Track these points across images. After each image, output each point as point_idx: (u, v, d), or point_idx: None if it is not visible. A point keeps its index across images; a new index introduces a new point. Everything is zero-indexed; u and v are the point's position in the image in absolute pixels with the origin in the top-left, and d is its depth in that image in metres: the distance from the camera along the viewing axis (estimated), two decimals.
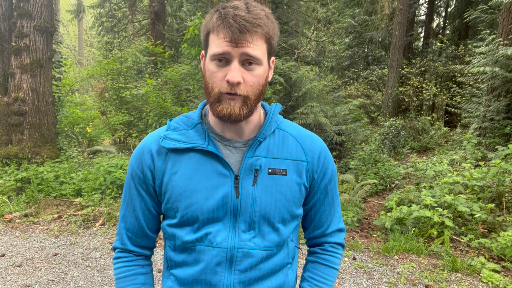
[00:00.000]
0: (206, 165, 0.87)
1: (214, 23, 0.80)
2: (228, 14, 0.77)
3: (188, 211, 0.86)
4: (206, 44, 0.84)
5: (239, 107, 0.81)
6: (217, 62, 0.80)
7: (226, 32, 0.77)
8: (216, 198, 0.85)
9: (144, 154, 0.91)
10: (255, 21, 0.78)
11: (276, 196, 0.87)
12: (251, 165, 0.87)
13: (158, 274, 3.21)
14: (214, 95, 0.82)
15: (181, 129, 0.90)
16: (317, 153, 0.94)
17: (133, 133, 9.91)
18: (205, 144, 0.87)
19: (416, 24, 16.41)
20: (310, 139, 0.95)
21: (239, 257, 0.86)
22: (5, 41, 5.92)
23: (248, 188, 0.86)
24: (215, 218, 0.86)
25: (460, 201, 4.02)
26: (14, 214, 4.52)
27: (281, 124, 0.95)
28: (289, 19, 10.24)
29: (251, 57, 0.79)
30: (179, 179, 0.87)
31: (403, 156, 8.96)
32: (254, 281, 0.88)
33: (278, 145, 0.91)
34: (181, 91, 7.55)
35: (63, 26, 26.13)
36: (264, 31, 0.80)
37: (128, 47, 16.33)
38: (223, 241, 0.86)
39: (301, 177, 0.91)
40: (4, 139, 5.80)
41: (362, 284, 3.08)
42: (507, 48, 6.27)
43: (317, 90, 8.36)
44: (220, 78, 0.80)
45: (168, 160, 0.89)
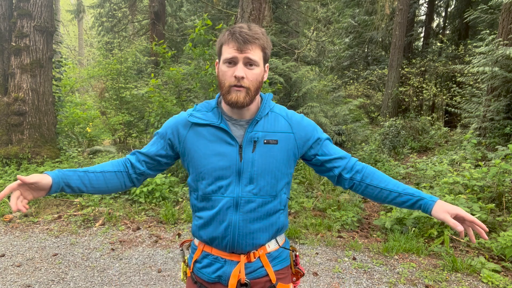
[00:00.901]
0: (219, 136, 1.21)
1: (226, 37, 1.15)
2: (236, 31, 1.14)
3: (204, 169, 1.20)
4: (219, 53, 1.19)
5: (243, 96, 1.15)
6: (228, 64, 1.15)
7: (234, 43, 1.13)
8: (225, 161, 1.19)
9: (174, 124, 1.28)
10: (254, 35, 1.14)
11: (269, 160, 1.20)
12: (251, 138, 1.20)
13: (158, 274, 3.21)
14: (225, 88, 1.16)
15: (202, 110, 1.27)
16: (300, 125, 1.27)
17: (133, 133, 9.91)
18: (218, 122, 1.21)
19: (416, 24, 16.41)
20: (295, 117, 1.29)
21: (242, 203, 1.19)
22: (5, 41, 5.92)
23: (248, 154, 1.19)
24: (225, 176, 1.19)
25: (460, 201, 4.01)
26: (14, 214, 4.52)
27: (273, 108, 1.28)
28: (289, 19, 10.23)
29: (251, 60, 1.14)
30: (198, 145, 1.22)
31: (403, 156, 8.96)
32: (253, 220, 1.20)
33: (271, 123, 1.24)
34: (181, 91, 7.55)
35: (63, 26, 26.12)
36: (260, 43, 1.15)
37: (128, 47, 16.32)
38: (231, 192, 1.19)
39: (289, 144, 1.24)
40: (4, 139, 5.80)
41: (362, 284, 3.08)
42: (506, 48, 6.27)
43: (317, 90, 8.36)
44: (229, 75, 1.15)
45: (190, 131, 1.25)
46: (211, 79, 6.30)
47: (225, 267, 1.24)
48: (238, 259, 1.23)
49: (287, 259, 1.33)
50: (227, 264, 1.23)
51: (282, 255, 1.31)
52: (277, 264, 1.29)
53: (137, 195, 4.91)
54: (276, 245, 1.29)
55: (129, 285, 3.03)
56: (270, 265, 1.26)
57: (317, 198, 5.15)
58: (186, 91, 7.81)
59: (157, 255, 3.58)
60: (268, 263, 1.26)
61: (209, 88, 6.34)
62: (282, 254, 1.31)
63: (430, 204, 1.18)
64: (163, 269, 3.30)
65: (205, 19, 6.07)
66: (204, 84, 6.49)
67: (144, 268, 3.32)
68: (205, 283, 1.28)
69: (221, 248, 1.23)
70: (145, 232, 4.16)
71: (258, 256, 1.25)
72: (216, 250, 1.25)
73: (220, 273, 1.24)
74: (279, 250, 1.30)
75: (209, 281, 1.27)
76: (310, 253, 3.68)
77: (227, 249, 1.22)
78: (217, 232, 1.21)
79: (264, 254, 1.25)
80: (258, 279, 1.25)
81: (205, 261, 1.27)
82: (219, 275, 1.25)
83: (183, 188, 5.25)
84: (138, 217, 4.56)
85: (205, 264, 1.27)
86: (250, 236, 1.21)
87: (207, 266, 1.27)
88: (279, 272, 1.29)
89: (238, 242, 1.21)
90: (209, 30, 6.39)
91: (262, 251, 1.25)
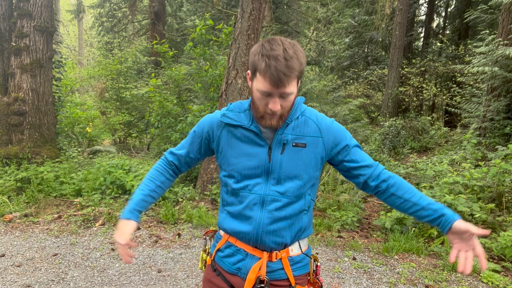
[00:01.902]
0: (249, 138, 1.25)
1: (262, 68, 1.10)
2: (271, 65, 1.08)
3: (235, 167, 1.26)
4: (254, 74, 1.16)
5: (276, 120, 1.19)
6: (262, 92, 1.14)
7: (270, 80, 1.09)
8: (254, 161, 1.24)
9: (210, 122, 1.33)
10: (290, 71, 1.09)
11: (297, 162, 1.23)
12: (280, 140, 1.23)
13: (158, 274, 3.21)
14: (259, 113, 1.20)
15: (235, 111, 1.30)
16: (329, 130, 1.28)
17: (133, 133, 9.91)
18: (249, 124, 1.25)
19: (416, 24, 16.40)
20: (325, 121, 1.30)
21: (268, 201, 1.23)
22: (5, 41, 5.92)
23: (277, 155, 1.23)
24: (254, 175, 1.24)
25: (460, 201, 4.02)
26: (14, 214, 4.52)
27: (304, 112, 1.29)
28: (289, 19, 10.23)
29: (287, 93, 1.14)
30: (230, 144, 1.28)
31: (403, 156, 8.95)
32: (277, 218, 1.23)
33: (301, 126, 1.26)
34: (181, 91, 7.55)
35: (63, 26, 26.11)
36: (296, 73, 1.12)
37: (128, 47, 16.31)
38: (259, 190, 1.23)
39: (317, 148, 1.26)
40: (4, 139, 5.80)
41: (362, 284, 3.08)
42: (506, 48, 6.27)
43: (317, 90, 8.36)
44: (264, 104, 1.16)
45: (223, 130, 1.30)
46: (211, 79, 6.29)
47: (246, 261, 1.27)
48: (261, 255, 1.25)
49: (306, 266, 1.35)
50: (249, 257, 1.26)
51: (303, 262, 1.33)
52: (297, 270, 1.31)
53: None
54: (299, 250, 1.31)
55: (129, 285, 3.03)
56: (290, 269, 1.28)
57: (317, 198, 5.15)
58: (187, 91, 7.81)
59: (157, 255, 3.58)
60: (288, 265, 1.27)
61: (209, 88, 6.34)
62: (303, 261, 1.33)
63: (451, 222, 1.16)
64: (163, 269, 3.30)
65: (207, 19, 6.08)
66: (204, 84, 6.49)
67: (144, 268, 3.32)
68: (224, 272, 1.31)
69: (245, 242, 1.27)
70: (145, 232, 4.16)
71: (280, 257, 1.27)
72: (240, 243, 1.28)
73: (240, 266, 1.27)
74: (301, 256, 1.32)
75: (229, 271, 1.30)
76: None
77: (251, 243, 1.26)
78: (242, 227, 1.25)
79: (286, 257, 1.27)
80: (277, 281, 1.27)
81: (228, 250, 1.31)
82: (239, 267, 1.28)
83: (183, 188, 5.25)
84: None
85: (227, 253, 1.31)
86: (273, 234, 1.24)
87: (229, 256, 1.30)
88: (297, 277, 1.31)
89: (262, 238, 1.24)
90: (209, 30, 6.39)
91: (285, 254, 1.27)
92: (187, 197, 5.11)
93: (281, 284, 1.28)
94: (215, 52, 6.43)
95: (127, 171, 5.32)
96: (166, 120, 6.58)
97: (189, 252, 3.67)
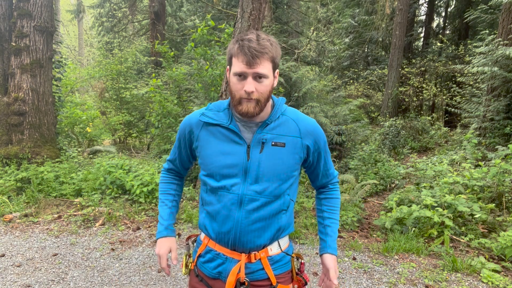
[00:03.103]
0: (228, 136, 1.25)
1: (236, 50, 1.17)
2: (245, 45, 1.14)
3: (213, 166, 1.26)
4: (230, 63, 1.21)
5: (253, 106, 1.18)
6: (238, 77, 1.18)
7: (243, 57, 1.14)
8: (232, 159, 1.23)
9: (188, 123, 1.35)
10: (262, 49, 1.14)
11: (276, 161, 1.24)
12: (260, 139, 1.24)
13: (158, 274, 3.21)
14: (236, 99, 1.20)
15: (214, 110, 1.30)
16: (310, 133, 1.30)
17: (133, 133, 9.91)
18: (228, 123, 1.26)
19: (416, 24, 16.40)
20: (305, 121, 1.31)
21: (246, 201, 1.23)
22: (5, 41, 5.92)
23: (256, 154, 1.23)
24: (232, 173, 1.23)
25: (460, 201, 4.02)
26: (14, 214, 4.52)
27: (285, 111, 1.31)
28: (289, 19, 10.23)
29: (260, 74, 1.15)
30: (208, 143, 1.28)
31: (403, 156, 8.95)
32: (255, 218, 1.23)
33: (281, 126, 1.27)
34: (181, 91, 7.55)
35: (63, 26, 26.10)
36: (269, 55, 1.16)
37: (128, 47, 16.31)
38: (236, 189, 1.23)
39: (295, 148, 1.27)
40: (4, 139, 5.80)
41: (362, 284, 3.08)
42: (506, 48, 6.27)
43: (317, 90, 8.36)
44: (239, 88, 1.18)
45: (203, 130, 1.30)
46: (211, 79, 6.30)
47: (225, 264, 1.27)
48: (239, 257, 1.26)
49: (288, 264, 1.36)
50: (228, 261, 1.27)
51: (283, 260, 1.33)
52: (278, 268, 1.31)
53: (137, 195, 4.91)
54: (278, 249, 1.31)
55: (129, 285, 3.03)
56: (271, 268, 1.29)
57: None
58: (187, 91, 7.81)
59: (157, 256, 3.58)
60: (268, 265, 1.28)
61: (210, 88, 6.34)
62: (283, 259, 1.33)
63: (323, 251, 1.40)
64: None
65: (208, 19, 6.09)
66: (205, 84, 6.49)
67: (144, 268, 3.32)
68: (206, 277, 1.33)
69: (224, 244, 1.27)
70: (145, 232, 4.16)
71: (259, 258, 1.27)
72: (219, 246, 1.29)
73: (220, 270, 1.29)
74: (281, 255, 1.32)
75: (210, 276, 1.31)
76: (310, 253, 3.68)
77: (229, 245, 1.26)
78: (221, 227, 1.26)
79: (266, 257, 1.28)
80: (258, 281, 1.28)
81: (208, 256, 1.32)
82: (219, 271, 1.29)
83: (190, 188, 5.25)
84: (138, 217, 4.56)
85: (208, 259, 1.32)
86: (252, 234, 1.24)
87: (209, 261, 1.31)
88: (279, 276, 1.31)
89: (240, 239, 1.24)
90: (210, 30, 6.39)
91: (264, 254, 1.28)
92: (187, 197, 5.11)
93: (262, 284, 1.29)
94: (217, 53, 6.43)
95: (127, 171, 5.32)
96: (166, 120, 6.58)
97: None
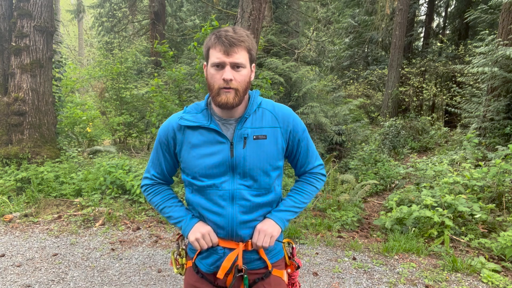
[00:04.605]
0: (210, 137, 1.26)
1: (212, 41, 1.19)
2: (221, 35, 1.17)
3: (198, 168, 1.26)
4: (207, 56, 1.23)
5: (232, 97, 1.19)
6: (216, 67, 1.19)
7: (221, 47, 1.17)
8: (218, 158, 1.24)
9: (169, 128, 1.32)
10: (239, 38, 1.17)
11: (260, 154, 1.26)
12: (241, 134, 1.25)
13: (158, 274, 3.21)
14: (215, 90, 1.20)
15: (192, 112, 1.30)
16: (286, 120, 1.31)
17: (133, 133, 9.91)
18: (208, 123, 1.26)
19: (416, 24, 16.40)
20: (281, 110, 1.33)
21: (237, 196, 1.25)
22: (5, 41, 5.92)
23: (240, 150, 1.24)
24: (219, 173, 1.25)
25: (460, 201, 4.01)
26: (14, 214, 4.52)
27: (261, 104, 1.32)
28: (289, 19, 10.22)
29: (238, 63, 1.18)
30: (191, 146, 1.27)
31: (403, 156, 8.95)
32: (249, 210, 1.27)
33: (259, 119, 1.28)
34: (181, 91, 7.54)
35: (63, 26, 26.10)
36: (245, 45, 1.19)
37: (128, 47, 16.31)
38: (226, 186, 1.25)
39: (277, 138, 1.29)
40: (4, 139, 5.80)
41: (362, 284, 3.08)
42: (506, 49, 6.27)
43: (317, 90, 8.36)
44: (218, 78, 1.18)
45: (184, 134, 1.29)
46: None
47: (223, 258, 1.30)
48: (236, 246, 1.29)
49: (281, 252, 1.41)
50: (225, 255, 1.30)
51: (276, 248, 1.39)
52: (273, 257, 1.37)
53: (137, 195, 4.91)
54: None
55: (129, 285, 3.03)
56: (266, 257, 1.34)
57: (317, 198, 5.15)
58: (187, 91, 7.81)
59: (157, 255, 3.58)
60: (264, 253, 1.33)
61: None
62: (276, 247, 1.38)
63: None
64: (163, 269, 3.30)
65: (213, 19, 6.12)
66: (205, 84, 6.49)
67: (144, 268, 3.32)
68: (205, 274, 1.36)
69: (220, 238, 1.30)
70: (145, 232, 4.16)
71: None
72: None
73: (219, 264, 1.31)
74: (275, 243, 1.36)
75: (208, 272, 1.34)
76: (310, 253, 3.68)
77: (226, 238, 1.30)
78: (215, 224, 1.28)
79: None
80: (254, 270, 1.34)
81: (205, 253, 1.34)
82: (218, 266, 1.31)
83: (183, 189, 5.25)
84: (138, 217, 4.56)
85: (204, 255, 1.34)
86: (248, 225, 1.28)
87: (206, 258, 1.34)
88: (274, 264, 1.37)
89: (237, 231, 1.27)
90: (212, 30, 6.40)
91: None
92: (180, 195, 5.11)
93: (258, 272, 1.34)
94: None
95: (127, 171, 5.32)
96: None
97: None
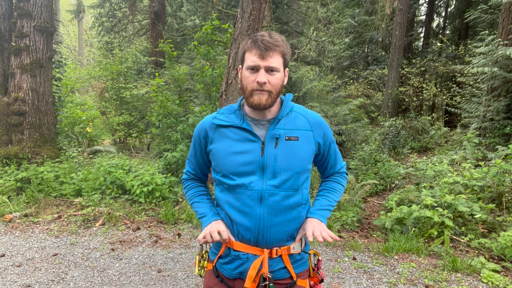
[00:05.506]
0: (242, 135, 1.29)
1: (249, 45, 1.24)
2: (258, 39, 1.22)
3: (229, 166, 1.28)
4: (243, 59, 1.28)
5: (265, 98, 1.23)
6: (251, 70, 1.23)
7: (256, 50, 1.21)
8: (248, 156, 1.27)
9: (202, 128, 1.39)
10: (275, 43, 1.22)
11: (291, 155, 1.27)
12: (273, 135, 1.28)
13: (158, 274, 3.21)
14: (248, 91, 1.24)
15: (225, 113, 1.35)
16: (319, 125, 1.36)
17: (133, 133, 9.91)
18: (241, 122, 1.30)
19: (416, 24, 16.39)
20: (313, 116, 1.38)
21: (266, 196, 1.25)
22: (5, 41, 5.92)
23: (271, 149, 1.26)
24: (249, 171, 1.26)
25: (460, 201, 4.01)
26: (14, 214, 4.52)
27: (293, 108, 1.37)
28: (289, 19, 10.22)
29: (273, 67, 1.21)
30: (223, 144, 1.31)
31: (403, 156, 8.95)
32: (277, 212, 1.26)
33: (291, 121, 1.32)
34: (182, 91, 7.54)
35: (63, 26, 26.10)
36: (280, 50, 1.23)
37: (128, 47, 16.31)
38: (255, 186, 1.25)
39: (308, 141, 1.32)
40: (4, 139, 5.80)
41: (362, 284, 3.08)
42: (506, 49, 6.26)
43: (317, 90, 8.36)
44: (252, 80, 1.23)
45: (216, 133, 1.34)
46: (211, 79, 6.29)
47: (246, 264, 1.28)
48: (261, 253, 1.27)
49: (306, 262, 1.40)
50: (249, 261, 1.28)
51: (303, 259, 1.38)
52: (298, 267, 1.35)
53: (137, 195, 4.91)
54: (299, 248, 1.34)
55: (129, 285, 3.03)
56: (291, 266, 1.32)
57: None
58: (188, 91, 7.81)
59: (157, 255, 3.58)
60: (289, 262, 1.31)
61: (211, 88, 6.34)
62: (303, 258, 1.38)
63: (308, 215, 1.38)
64: (163, 269, 3.30)
65: (214, 19, 6.12)
66: (205, 84, 6.49)
67: (144, 268, 3.32)
68: (226, 278, 1.35)
69: (246, 241, 1.28)
70: (145, 232, 4.16)
71: (280, 254, 1.30)
72: (239, 245, 1.29)
73: (241, 270, 1.30)
74: (301, 254, 1.36)
75: (230, 277, 1.33)
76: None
77: (252, 242, 1.28)
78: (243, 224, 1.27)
79: (287, 254, 1.31)
80: (279, 280, 1.31)
81: (227, 258, 1.33)
82: (241, 272, 1.30)
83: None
84: (138, 217, 4.56)
85: (227, 260, 1.33)
86: (275, 229, 1.27)
87: (229, 263, 1.33)
88: (299, 274, 1.35)
89: (264, 235, 1.26)
90: (213, 30, 6.40)
91: (285, 251, 1.30)
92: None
93: (283, 283, 1.31)
94: (219, 53, 6.44)
95: (127, 171, 5.32)
96: (167, 120, 6.58)
97: (189, 252, 3.67)
